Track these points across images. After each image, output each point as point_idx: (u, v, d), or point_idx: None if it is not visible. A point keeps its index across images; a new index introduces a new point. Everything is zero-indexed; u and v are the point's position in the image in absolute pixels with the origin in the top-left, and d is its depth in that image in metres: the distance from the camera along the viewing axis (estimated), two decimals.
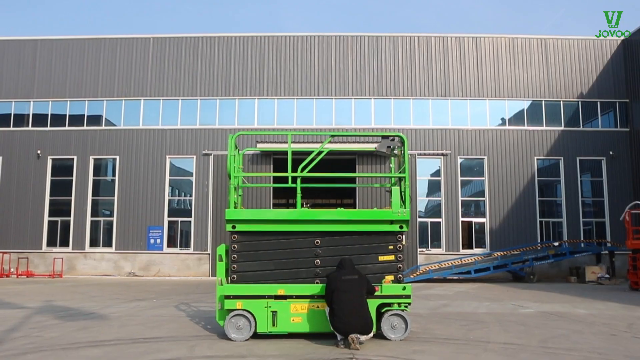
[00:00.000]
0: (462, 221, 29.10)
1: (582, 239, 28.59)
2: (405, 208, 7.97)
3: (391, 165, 9.21)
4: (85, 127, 30.14)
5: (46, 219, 29.62)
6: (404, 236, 8.10)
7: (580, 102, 30.15)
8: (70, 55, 30.75)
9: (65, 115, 30.37)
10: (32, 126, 30.37)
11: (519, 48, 30.45)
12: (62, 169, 30.04)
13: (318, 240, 8.02)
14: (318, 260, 8.01)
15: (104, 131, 30.08)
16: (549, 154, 29.64)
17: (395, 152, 8.48)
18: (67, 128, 30.19)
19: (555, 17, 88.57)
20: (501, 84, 30.08)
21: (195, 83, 30.17)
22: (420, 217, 28.92)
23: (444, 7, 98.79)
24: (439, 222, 28.99)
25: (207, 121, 29.85)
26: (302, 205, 8.20)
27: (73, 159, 29.89)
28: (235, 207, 8.22)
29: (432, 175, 29.65)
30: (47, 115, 30.43)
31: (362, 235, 8.06)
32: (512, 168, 29.35)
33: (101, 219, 29.72)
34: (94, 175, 29.93)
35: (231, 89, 29.93)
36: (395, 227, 7.99)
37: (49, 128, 30.25)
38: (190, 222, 29.07)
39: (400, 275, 7.95)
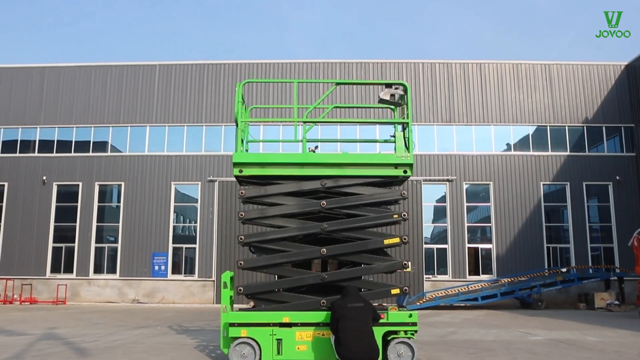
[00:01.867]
0: (469, 247, 28.88)
1: (590, 264, 28.28)
2: (409, 153, 7.95)
3: (395, 115, 9.09)
4: (90, 154, 30.26)
5: (50, 245, 29.57)
6: (406, 218, 8.11)
7: (585, 127, 30.13)
8: (77, 82, 31.04)
9: (71, 141, 30.54)
10: (38, 152, 30.51)
11: (523, 73, 30.57)
12: (67, 195, 30.09)
13: (324, 202, 7.95)
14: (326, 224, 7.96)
15: (110, 157, 30.19)
16: (555, 179, 29.53)
17: (398, 100, 8.41)
18: (72, 154, 30.32)
19: (562, 42, 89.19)
20: (506, 109, 30.13)
21: (201, 109, 30.34)
22: (426, 243, 28.73)
23: (449, 34, 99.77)
24: (445, 249, 28.77)
25: (212, 147, 29.94)
26: (307, 150, 8.21)
27: (78, 185, 29.95)
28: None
29: (437, 201, 29.53)
30: (53, 141, 30.60)
31: (366, 206, 8.06)
32: (518, 193, 29.22)
33: (106, 245, 29.66)
34: (99, 202, 29.95)
35: None
36: (400, 172, 8.01)
37: (54, 154, 30.38)
38: (195, 248, 28.95)
39: (405, 238, 7.89)
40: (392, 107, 8.59)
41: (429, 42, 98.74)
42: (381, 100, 8.36)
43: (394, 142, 8.18)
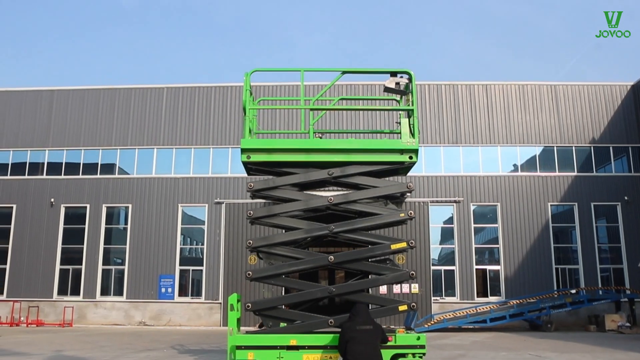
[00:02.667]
0: (476, 269, 28.67)
1: (600, 286, 28.00)
2: (414, 139, 7.93)
3: (400, 104, 9.05)
4: (98, 176, 30.41)
5: (58, 267, 29.58)
6: (413, 218, 8.02)
7: (592, 148, 30.06)
8: (85, 104, 31.32)
9: (79, 163, 30.71)
10: (47, 175, 30.69)
11: (529, 94, 30.63)
12: (75, 217, 30.19)
13: (331, 198, 7.92)
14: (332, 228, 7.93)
15: (117, 180, 30.32)
16: (562, 199, 29.39)
17: (403, 88, 8.40)
18: (80, 176, 30.47)
19: (570, 63, 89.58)
20: (512, 130, 30.13)
21: (208, 132, 30.51)
22: (433, 265, 28.54)
23: (456, 56, 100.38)
24: (453, 270, 28.57)
25: (219, 170, 30.03)
26: (314, 136, 8.21)
27: (86, 207, 30.05)
28: None
29: (445, 222, 29.41)
30: (62, 163, 30.78)
31: (373, 200, 8.03)
32: (526, 214, 29.07)
33: (112, 267, 29.64)
34: (106, 224, 30.01)
35: None
36: (405, 158, 7.93)
37: (63, 176, 30.55)
38: (201, 270, 28.88)
39: (412, 242, 7.83)
40: (398, 95, 8.63)
41: (435, 64, 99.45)
42: (387, 89, 8.37)
43: (399, 132, 8.17)
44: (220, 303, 28.14)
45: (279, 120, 30.00)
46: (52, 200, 30.07)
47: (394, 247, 7.89)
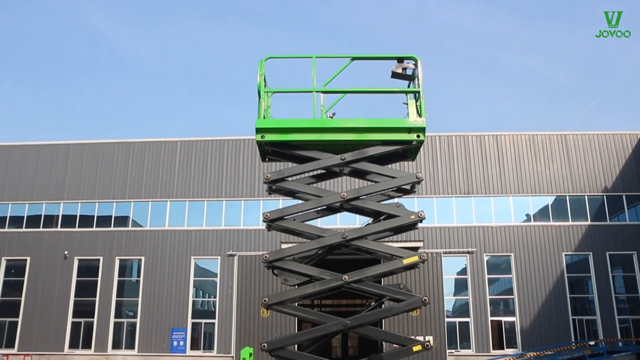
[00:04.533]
0: (492, 320, 28.26)
1: (619, 337, 27.45)
2: (422, 118, 8.06)
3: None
4: (112, 228, 30.60)
5: (70, 320, 29.49)
6: (423, 217, 8.15)
7: (605, 196, 29.92)
8: (100, 158, 31.76)
9: (94, 216, 30.96)
10: (61, 227, 30.92)
11: (540, 144, 30.72)
12: (88, 269, 30.26)
13: (344, 193, 8.09)
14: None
15: (131, 232, 30.48)
16: (577, 249, 29.11)
17: (410, 73, 8.49)
18: (94, 229, 30.68)
19: (583, 113, 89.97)
20: (524, 180, 30.12)
21: (221, 184, 30.76)
22: (448, 316, 28.16)
23: (468, 105, 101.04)
24: (468, 322, 28.17)
25: (232, 222, 30.15)
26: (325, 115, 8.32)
27: (99, 259, 30.14)
28: None
29: (458, 273, 29.17)
30: (76, 216, 31.05)
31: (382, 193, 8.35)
32: (540, 264, 28.78)
33: (124, 320, 29.52)
34: (119, 276, 30.04)
35: (256, 190, 30.32)
36: (413, 136, 8.03)
37: (77, 229, 30.77)
38: (214, 323, 28.68)
39: (423, 255, 7.90)
40: (405, 80, 8.70)
41: (447, 114, 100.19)
42: (394, 74, 8.51)
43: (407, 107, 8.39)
44: (233, 357, 27.82)
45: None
46: (66, 252, 30.20)
47: (406, 261, 7.91)
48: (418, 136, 8.10)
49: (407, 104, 8.25)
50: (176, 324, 28.71)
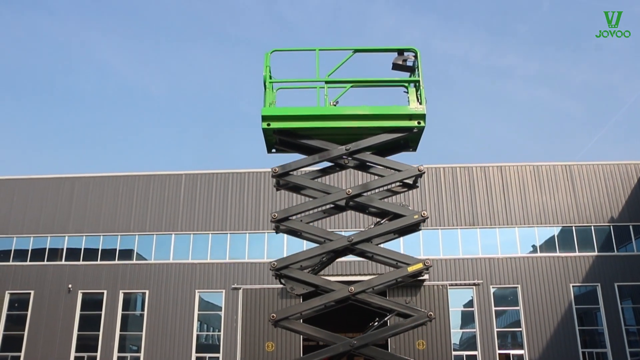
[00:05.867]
0: (500, 353, 27.83)
1: None
2: (422, 105, 8.27)
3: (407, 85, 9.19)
4: (116, 262, 30.52)
5: (73, 355, 29.20)
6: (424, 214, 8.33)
7: (611, 227, 29.73)
8: (105, 191, 31.85)
9: (98, 249, 30.92)
10: (65, 260, 30.86)
11: (544, 175, 30.68)
12: (92, 303, 30.08)
13: (349, 190, 8.26)
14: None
15: (135, 265, 30.39)
16: (584, 280, 28.82)
17: (410, 64, 8.73)
18: (98, 262, 30.60)
19: (590, 143, 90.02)
20: (529, 211, 30.00)
21: (225, 217, 30.74)
22: (454, 350, 27.77)
23: (474, 138, 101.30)
24: (475, 356, 27.75)
25: (236, 255, 30.05)
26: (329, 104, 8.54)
27: (103, 293, 29.99)
28: None
29: (464, 305, 28.86)
30: (80, 249, 31.01)
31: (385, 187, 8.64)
32: (548, 296, 28.47)
33: (128, 354, 29.22)
34: (122, 310, 29.84)
35: (261, 222, 30.31)
36: (414, 123, 8.25)
37: (81, 262, 30.69)
38: (218, 358, 28.35)
39: (427, 261, 8.13)
40: (406, 72, 8.94)
41: (451, 145, 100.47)
42: (395, 66, 8.76)
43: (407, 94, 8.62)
44: None
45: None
46: (70, 286, 30.09)
47: (411, 269, 8.07)
48: (419, 123, 8.35)
49: (407, 92, 8.60)
50: (180, 359, 28.39)
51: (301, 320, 8.39)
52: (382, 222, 8.47)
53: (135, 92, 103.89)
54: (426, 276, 27.54)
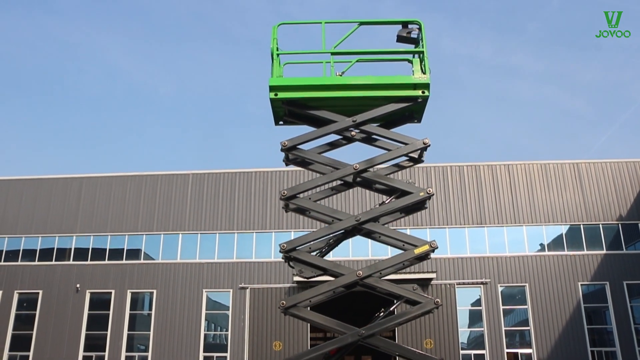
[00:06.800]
0: (508, 352, 27.74)
1: None
2: (425, 74, 8.40)
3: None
4: (124, 261, 30.61)
5: (81, 354, 29.32)
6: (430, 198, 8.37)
7: (620, 225, 29.57)
8: (112, 191, 31.94)
9: (106, 249, 31.02)
10: (73, 260, 30.97)
11: (552, 173, 30.54)
12: (100, 302, 30.19)
13: (356, 165, 8.31)
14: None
15: (142, 265, 30.47)
16: (593, 279, 28.67)
17: (415, 36, 8.85)
18: (106, 262, 30.70)
19: (600, 141, 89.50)
20: (537, 209, 29.87)
21: (233, 217, 30.76)
22: (462, 349, 27.72)
23: (482, 137, 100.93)
24: (483, 355, 27.66)
25: (243, 255, 30.07)
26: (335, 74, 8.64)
27: (111, 292, 30.09)
28: None
29: (472, 304, 28.77)
30: (88, 249, 31.11)
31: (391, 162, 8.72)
32: (556, 295, 28.35)
33: (136, 354, 29.29)
34: (130, 309, 29.93)
35: (267, 222, 30.34)
36: (418, 92, 8.38)
37: (89, 262, 30.80)
38: (225, 357, 28.37)
39: (433, 242, 8.12)
40: (410, 44, 9.03)
41: (458, 144, 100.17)
42: (399, 38, 8.88)
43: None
44: None
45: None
46: (78, 285, 30.20)
47: (417, 251, 8.13)
48: (423, 92, 8.46)
49: (411, 62, 8.76)
50: (188, 358, 28.45)
51: (309, 309, 8.40)
52: (387, 202, 8.57)
53: (143, 93, 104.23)
54: (434, 275, 27.54)
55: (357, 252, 29.40)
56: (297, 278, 27.17)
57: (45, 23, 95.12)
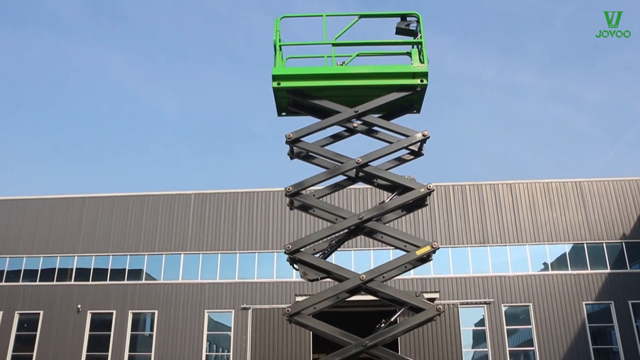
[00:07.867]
0: None
1: None
2: (424, 64, 8.67)
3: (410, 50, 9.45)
4: (125, 282, 30.49)
5: None
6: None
7: (624, 243, 29.42)
8: (114, 211, 31.93)
9: (107, 269, 30.92)
10: (75, 281, 30.86)
11: (555, 192, 30.48)
12: (101, 323, 30.01)
13: (359, 159, 8.45)
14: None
15: (144, 285, 30.34)
16: (598, 298, 28.46)
17: (413, 28, 9.06)
18: (108, 282, 30.59)
19: (605, 159, 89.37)
20: (540, 228, 29.77)
21: (235, 237, 30.70)
22: None
23: (487, 156, 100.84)
24: None
25: (245, 275, 29.95)
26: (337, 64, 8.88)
27: (112, 313, 29.94)
28: None
29: (476, 325, 28.54)
30: (90, 269, 31.02)
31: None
32: (560, 314, 28.14)
33: None
34: (132, 330, 29.75)
35: (270, 242, 30.27)
36: (417, 81, 8.62)
37: (90, 282, 30.69)
38: None
39: (434, 243, 8.19)
40: (409, 36, 9.20)
41: (463, 163, 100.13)
42: (398, 30, 9.12)
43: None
44: None
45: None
46: (79, 306, 30.06)
47: (419, 252, 8.17)
48: (422, 81, 8.71)
49: (410, 53, 9.03)
50: None
51: (311, 317, 8.37)
52: (387, 200, 8.68)
53: (149, 112, 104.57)
54: (437, 295, 27.33)
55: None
56: (299, 298, 27.00)
57: (51, 41, 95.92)
